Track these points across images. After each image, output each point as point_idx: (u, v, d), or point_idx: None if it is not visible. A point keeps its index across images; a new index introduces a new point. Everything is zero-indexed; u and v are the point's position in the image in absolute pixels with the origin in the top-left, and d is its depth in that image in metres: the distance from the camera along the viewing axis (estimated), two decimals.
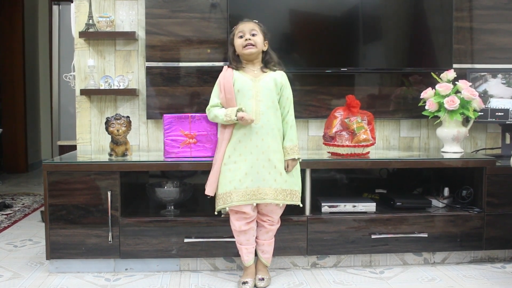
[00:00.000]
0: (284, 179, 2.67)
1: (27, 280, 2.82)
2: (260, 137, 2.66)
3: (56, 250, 2.89)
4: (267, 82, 2.70)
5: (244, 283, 2.74)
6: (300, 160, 2.77)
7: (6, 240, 3.62)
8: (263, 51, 2.78)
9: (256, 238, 2.80)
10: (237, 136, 2.68)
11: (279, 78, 2.74)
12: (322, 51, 3.46)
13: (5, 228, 3.94)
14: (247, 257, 2.78)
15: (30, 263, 3.12)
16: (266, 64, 2.78)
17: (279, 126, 2.72)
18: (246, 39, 2.69)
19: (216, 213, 2.74)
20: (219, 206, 2.69)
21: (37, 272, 2.96)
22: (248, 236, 2.74)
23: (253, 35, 2.71)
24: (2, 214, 4.39)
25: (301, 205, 2.75)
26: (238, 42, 2.73)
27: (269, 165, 2.65)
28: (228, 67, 2.79)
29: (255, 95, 2.68)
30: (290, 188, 2.70)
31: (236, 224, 2.72)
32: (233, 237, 2.82)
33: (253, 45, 2.70)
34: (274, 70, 2.77)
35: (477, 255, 3.16)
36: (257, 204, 2.70)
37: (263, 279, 2.77)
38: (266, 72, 2.75)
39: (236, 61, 2.78)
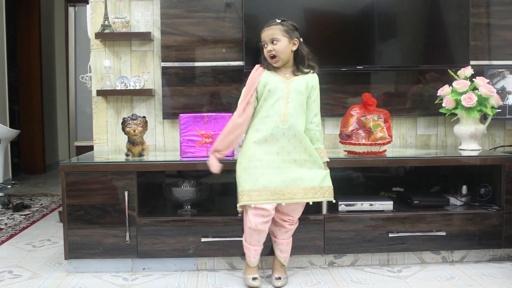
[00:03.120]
0: (311, 177, 2.66)
1: (46, 280, 2.85)
2: (286, 138, 2.64)
3: (74, 250, 2.91)
4: (299, 85, 2.68)
5: (254, 278, 2.72)
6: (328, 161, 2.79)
7: (25, 240, 3.65)
8: (293, 51, 2.70)
9: (275, 237, 2.80)
10: (263, 135, 2.65)
11: (311, 81, 2.71)
12: (338, 50, 3.45)
13: (24, 228, 3.97)
14: (254, 258, 2.75)
15: (49, 263, 3.14)
16: (298, 66, 2.73)
17: (305, 128, 2.71)
18: (268, 51, 2.66)
19: (238, 207, 2.66)
20: (243, 201, 2.61)
21: (56, 272, 2.98)
22: (260, 238, 2.71)
23: (274, 43, 2.64)
24: (21, 215, 4.43)
25: (334, 201, 2.75)
26: (264, 51, 2.70)
27: (295, 166, 2.64)
28: (260, 65, 2.75)
29: (285, 96, 2.65)
30: (320, 185, 2.67)
31: (252, 221, 2.64)
32: None
33: (275, 57, 2.65)
34: (306, 73, 2.72)
35: (497, 253, 3.13)
36: (277, 204, 2.67)
37: (280, 278, 2.76)
38: (298, 75, 2.71)
39: (268, 62, 2.73)
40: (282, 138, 2.64)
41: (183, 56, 3.47)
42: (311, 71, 2.74)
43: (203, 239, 2.91)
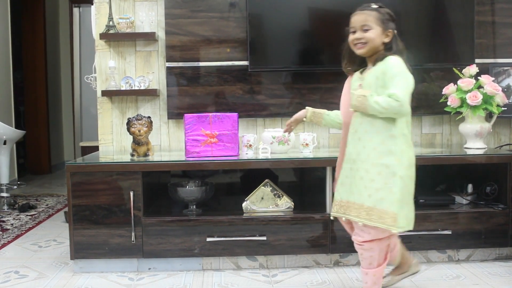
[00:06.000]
0: (368, 193, 2.19)
1: (52, 280, 2.85)
2: (352, 144, 2.30)
3: (80, 250, 2.92)
4: (368, 81, 2.29)
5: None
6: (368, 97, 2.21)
7: (31, 240, 3.66)
8: (384, 43, 2.27)
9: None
10: (345, 141, 2.39)
11: (380, 68, 2.24)
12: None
13: (29, 228, 3.98)
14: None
15: (55, 263, 3.15)
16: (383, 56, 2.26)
17: (379, 128, 2.22)
18: (356, 38, 2.27)
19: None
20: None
21: (62, 272, 2.99)
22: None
23: (366, 30, 2.24)
24: (27, 215, 4.45)
25: (395, 232, 2.21)
26: (349, 38, 2.31)
27: (357, 175, 2.25)
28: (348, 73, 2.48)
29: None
30: (374, 206, 2.18)
31: None
32: (254, 235, 2.86)
33: (364, 43, 2.25)
34: (382, 59, 2.24)
35: (502, 252, 3.11)
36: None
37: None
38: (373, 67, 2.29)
39: (349, 60, 2.43)
40: (351, 144, 2.33)
41: (187, 56, 3.48)
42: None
43: (208, 239, 2.91)
